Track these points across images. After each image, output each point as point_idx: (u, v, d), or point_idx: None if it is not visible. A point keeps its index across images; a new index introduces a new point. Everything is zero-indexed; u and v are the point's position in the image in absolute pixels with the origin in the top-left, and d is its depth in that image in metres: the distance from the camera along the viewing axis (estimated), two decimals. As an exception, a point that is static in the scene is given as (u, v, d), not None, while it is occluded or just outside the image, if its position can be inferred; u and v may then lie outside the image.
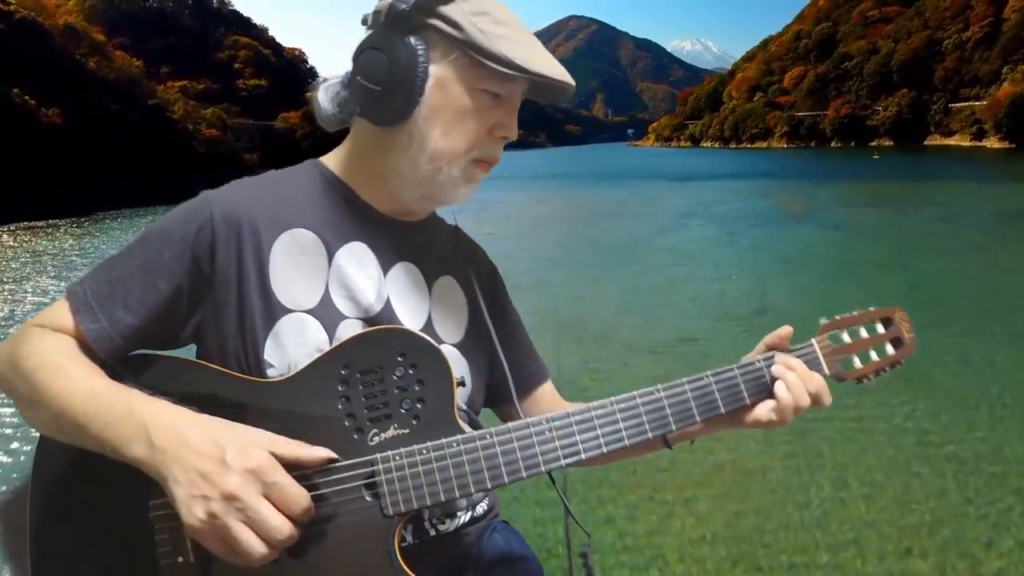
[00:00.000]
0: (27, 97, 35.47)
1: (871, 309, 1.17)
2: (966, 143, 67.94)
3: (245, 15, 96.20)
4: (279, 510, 0.85)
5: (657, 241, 14.64)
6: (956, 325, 6.97)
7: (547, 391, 1.32)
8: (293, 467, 0.88)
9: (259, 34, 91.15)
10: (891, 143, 79.17)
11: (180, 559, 0.92)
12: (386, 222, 1.14)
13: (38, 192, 30.34)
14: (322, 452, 0.91)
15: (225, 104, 66.19)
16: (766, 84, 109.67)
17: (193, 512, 0.82)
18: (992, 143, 63.54)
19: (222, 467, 0.83)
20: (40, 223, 27.43)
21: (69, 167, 33.79)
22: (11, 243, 21.55)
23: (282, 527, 0.84)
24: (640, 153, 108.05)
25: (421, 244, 1.18)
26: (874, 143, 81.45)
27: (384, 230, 1.13)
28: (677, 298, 9.20)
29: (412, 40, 1.01)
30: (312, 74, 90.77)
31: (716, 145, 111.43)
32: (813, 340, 1.13)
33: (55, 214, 29.33)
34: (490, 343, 1.22)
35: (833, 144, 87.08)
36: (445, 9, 1.01)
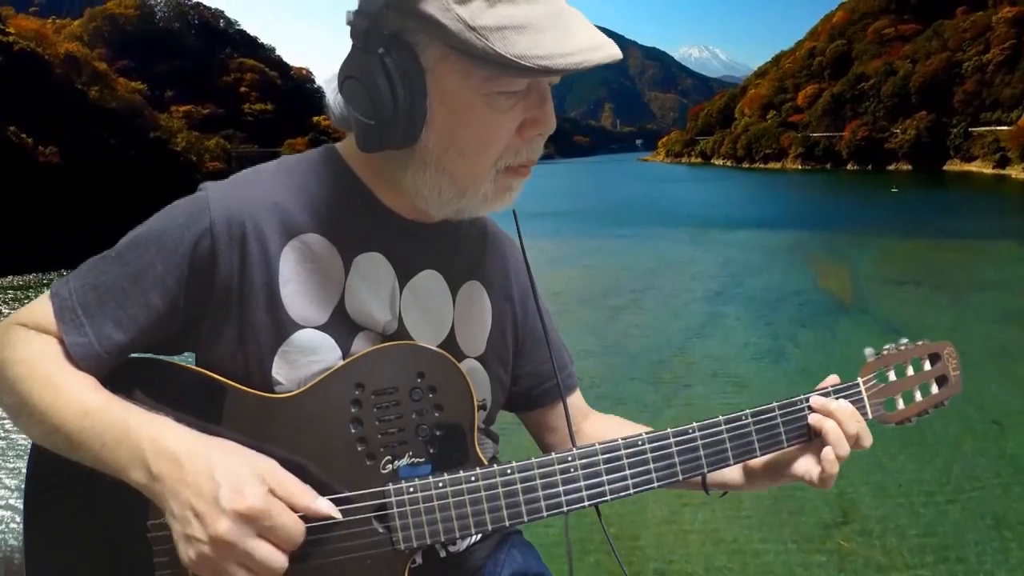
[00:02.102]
0: (24, 135, 34.41)
1: (920, 343, 1.12)
2: (988, 170, 66.33)
3: (252, 34, 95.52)
4: (276, 547, 0.81)
5: (694, 347, 13.16)
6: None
7: (572, 404, 1.21)
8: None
9: (266, 55, 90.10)
10: (909, 167, 77.67)
11: None
12: (408, 227, 1.03)
13: (31, 241, 29.09)
14: (324, 508, 0.86)
15: (230, 130, 65.38)
16: (779, 102, 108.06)
17: (186, 552, 0.80)
18: (1017, 172, 61.81)
19: (214, 509, 0.79)
20: (30, 276, 26.23)
21: (65, 211, 32.60)
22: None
23: (279, 568, 0.81)
24: (651, 172, 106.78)
25: (446, 248, 1.08)
26: (892, 167, 79.91)
27: (405, 236, 1.03)
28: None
29: (393, 58, 0.85)
30: (319, 93, 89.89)
31: (728, 163, 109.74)
32: (859, 381, 1.07)
33: (49, 265, 28.04)
34: (514, 352, 1.17)
35: (849, 167, 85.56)
36: (422, 6, 0.82)
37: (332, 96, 0.99)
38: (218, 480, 0.80)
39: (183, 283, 0.93)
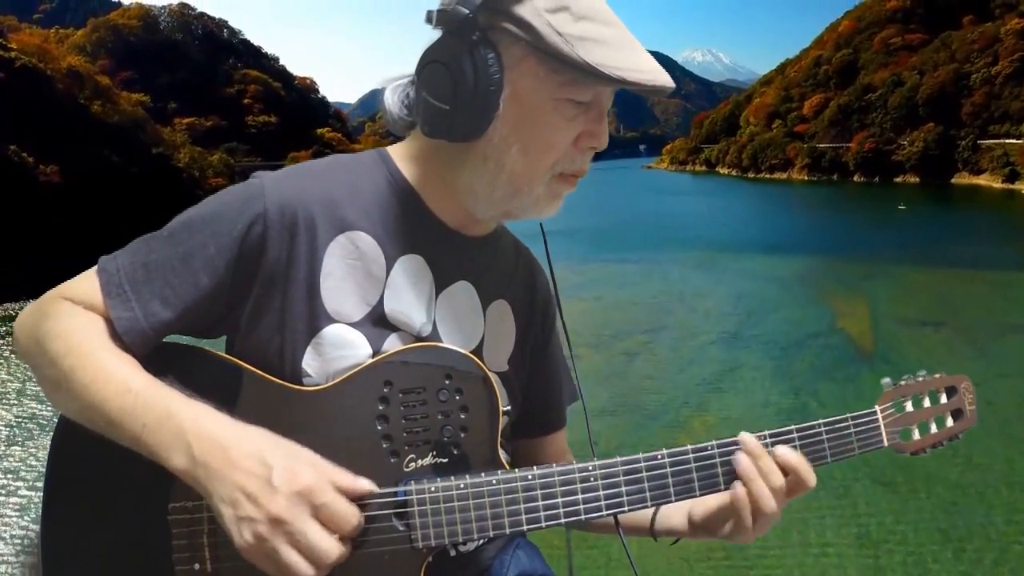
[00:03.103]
0: (25, 154, 34.03)
1: (938, 376, 1.15)
2: (997, 184, 65.68)
3: (256, 44, 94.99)
4: (329, 529, 0.82)
5: (712, 405, 12.71)
6: None
7: (557, 440, 1.27)
8: None
9: (270, 65, 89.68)
10: (916, 179, 77.00)
11: (196, 566, 0.90)
12: (450, 236, 1.07)
13: (28, 266, 28.60)
14: (363, 485, 0.88)
15: (233, 142, 65.08)
16: (785, 111, 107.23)
17: (241, 534, 0.80)
18: (1027, 188, 61.07)
19: (268, 489, 0.80)
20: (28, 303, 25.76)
21: (65, 234, 32.15)
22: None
23: (331, 549, 0.82)
24: (655, 181, 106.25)
25: (483, 262, 1.12)
26: (899, 179, 79.25)
27: (447, 245, 1.06)
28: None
29: (480, 50, 0.91)
30: (323, 104, 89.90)
31: (733, 173, 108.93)
32: (877, 408, 1.09)
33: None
34: (527, 375, 1.20)
35: (856, 178, 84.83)
36: (516, 8, 0.90)
37: (390, 96, 1.03)
38: (270, 463, 0.81)
39: (232, 266, 0.95)
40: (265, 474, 0.80)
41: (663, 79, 0.91)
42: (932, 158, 76.75)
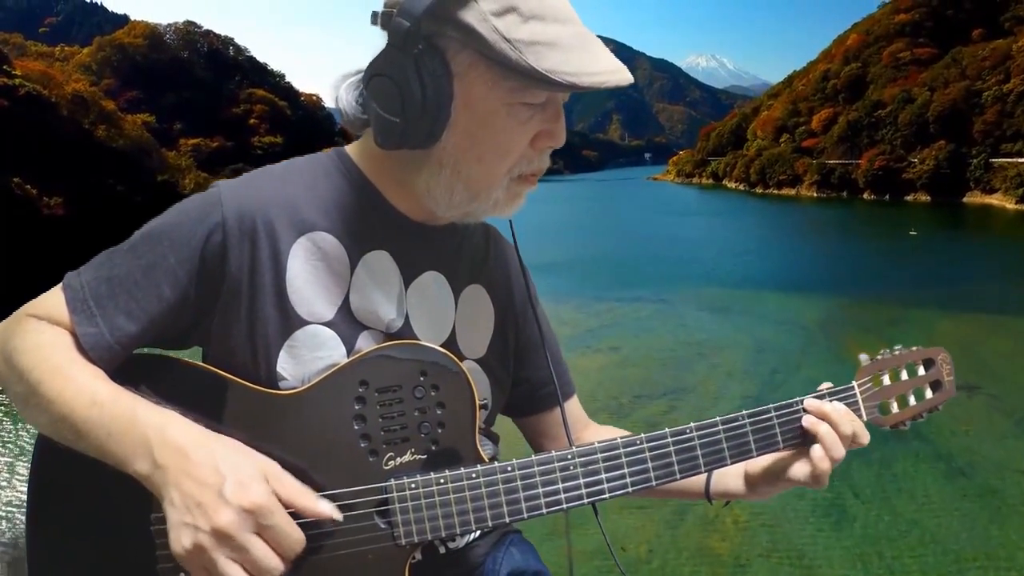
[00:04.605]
0: (28, 186, 33.54)
1: (914, 349, 1.14)
2: (1011, 205, 64.83)
3: (261, 61, 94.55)
4: (272, 548, 0.81)
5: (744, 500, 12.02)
6: None
7: (570, 411, 1.23)
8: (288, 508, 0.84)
9: (275, 83, 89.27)
10: (927, 198, 76.17)
11: (182, 575, 0.89)
12: (413, 228, 1.06)
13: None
14: (326, 510, 0.87)
15: (240, 164, 64.51)
16: (793, 125, 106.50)
17: (180, 539, 0.80)
18: (1042, 210, 60.27)
19: (218, 500, 0.79)
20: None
21: (67, 264, 31.70)
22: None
23: (274, 568, 0.81)
24: (661, 195, 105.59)
25: (450, 251, 1.11)
26: (910, 197, 78.44)
27: (411, 237, 1.06)
28: None
29: (426, 61, 0.88)
30: (330, 120, 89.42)
31: (741, 187, 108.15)
32: (854, 383, 1.10)
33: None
34: (513, 357, 1.19)
35: (866, 196, 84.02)
36: (461, 14, 0.87)
37: (345, 95, 1.02)
38: (223, 473, 0.80)
39: (194, 276, 0.95)
40: (217, 484, 0.79)
41: (616, 78, 0.88)
42: (943, 176, 75.75)
